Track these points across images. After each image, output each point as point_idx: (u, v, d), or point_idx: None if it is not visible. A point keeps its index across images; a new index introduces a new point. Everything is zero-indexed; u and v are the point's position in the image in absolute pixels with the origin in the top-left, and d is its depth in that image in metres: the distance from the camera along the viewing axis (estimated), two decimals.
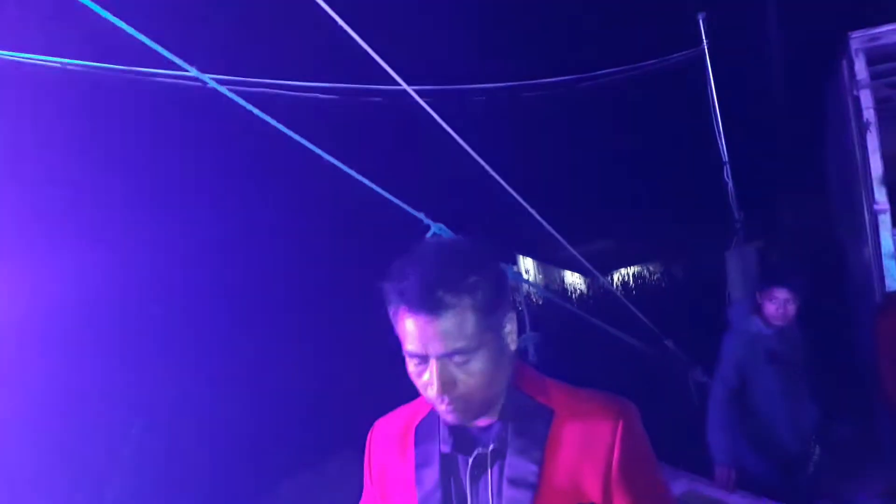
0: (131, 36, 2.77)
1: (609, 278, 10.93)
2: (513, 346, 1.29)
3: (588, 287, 12.98)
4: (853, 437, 4.65)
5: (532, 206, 4.35)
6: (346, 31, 3.27)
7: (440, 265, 1.18)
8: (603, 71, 6.17)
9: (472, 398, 1.22)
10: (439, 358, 1.18)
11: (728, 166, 7.77)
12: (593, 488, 1.22)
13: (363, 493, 1.48)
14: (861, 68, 5.07)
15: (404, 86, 3.52)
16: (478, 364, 1.20)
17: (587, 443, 1.25)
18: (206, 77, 2.84)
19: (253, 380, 5.06)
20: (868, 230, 5.29)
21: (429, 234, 3.51)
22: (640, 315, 5.82)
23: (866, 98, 5.06)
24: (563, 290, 13.17)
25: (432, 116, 3.91)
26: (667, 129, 7.91)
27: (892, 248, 4.95)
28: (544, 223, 4.43)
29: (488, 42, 5.26)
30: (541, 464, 1.23)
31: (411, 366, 1.24)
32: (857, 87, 5.09)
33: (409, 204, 3.58)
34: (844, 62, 5.29)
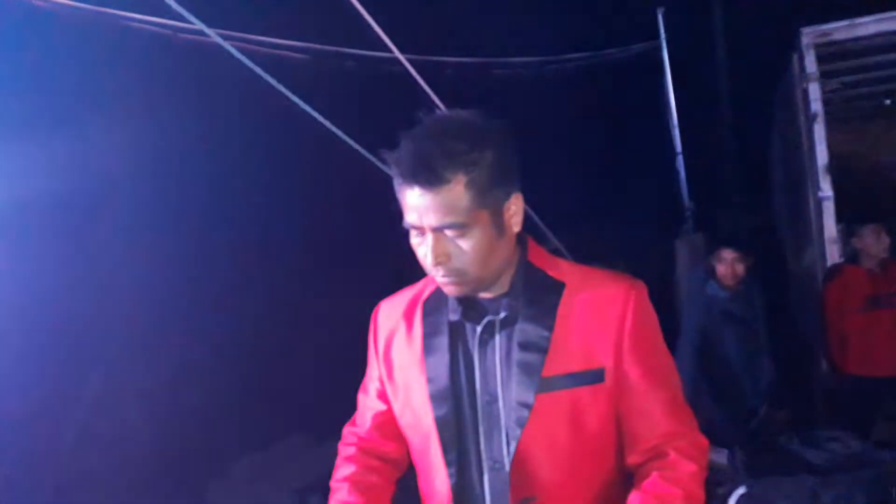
0: None
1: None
2: (516, 228, 1.28)
3: None
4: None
5: None
6: None
7: (439, 137, 1.17)
8: (568, 55, 6.32)
9: (467, 273, 1.23)
10: (434, 230, 1.19)
11: (681, 156, 8.08)
12: (604, 354, 1.26)
13: (366, 373, 1.50)
14: (811, 62, 5.31)
15: (396, 53, 3.52)
16: (471, 241, 1.20)
17: (599, 311, 1.28)
18: (210, 31, 2.75)
19: (206, 363, 4.87)
20: (812, 216, 5.57)
21: None
22: None
23: (815, 91, 5.31)
24: None
25: (403, 84, 3.94)
26: (623, 118, 8.13)
27: (834, 234, 5.23)
28: (531, 212, 4.43)
29: (463, 17, 5.30)
30: (552, 329, 1.26)
31: (412, 237, 1.25)
32: (807, 79, 5.34)
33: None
34: (795, 57, 5.55)
